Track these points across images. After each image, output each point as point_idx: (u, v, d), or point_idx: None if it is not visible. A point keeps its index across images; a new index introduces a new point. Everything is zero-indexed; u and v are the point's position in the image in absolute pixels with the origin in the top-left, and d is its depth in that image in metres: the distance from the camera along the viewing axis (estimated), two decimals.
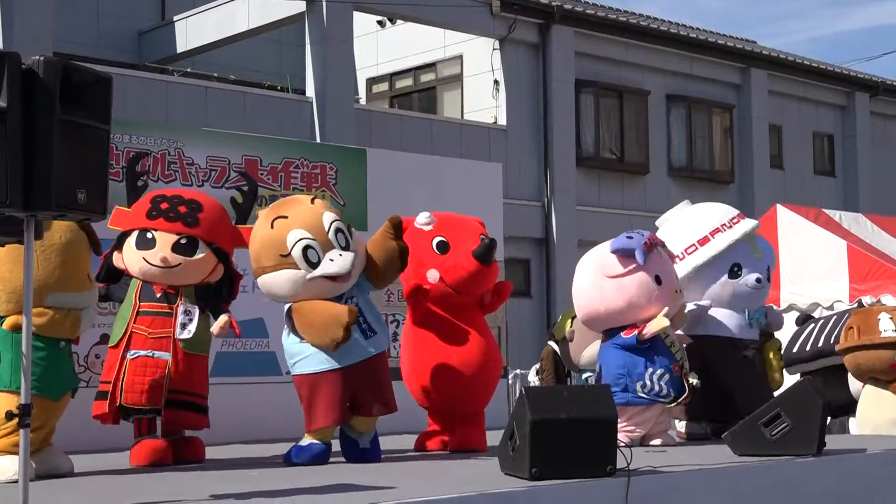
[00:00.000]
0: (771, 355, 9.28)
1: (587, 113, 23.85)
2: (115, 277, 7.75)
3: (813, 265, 12.08)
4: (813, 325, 10.59)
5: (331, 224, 7.59)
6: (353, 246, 7.63)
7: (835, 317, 10.59)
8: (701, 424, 9.32)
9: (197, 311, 7.71)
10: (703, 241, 9.35)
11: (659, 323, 8.41)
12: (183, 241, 7.62)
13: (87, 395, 7.60)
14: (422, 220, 8.46)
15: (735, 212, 9.69)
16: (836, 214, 13.05)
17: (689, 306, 9.06)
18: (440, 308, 8.32)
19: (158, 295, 7.65)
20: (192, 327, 7.63)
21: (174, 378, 7.53)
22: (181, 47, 22.57)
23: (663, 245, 8.83)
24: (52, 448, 6.79)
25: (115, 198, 7.61)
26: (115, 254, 7.70)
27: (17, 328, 6.33)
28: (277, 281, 7.55)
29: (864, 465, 7.87)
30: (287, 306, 7.63)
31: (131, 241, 7.65)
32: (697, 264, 9.20)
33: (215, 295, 7.82)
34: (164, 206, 7.71)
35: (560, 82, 23.05)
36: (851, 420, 10.00)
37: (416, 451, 8.39)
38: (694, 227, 9.51)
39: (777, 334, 9.69)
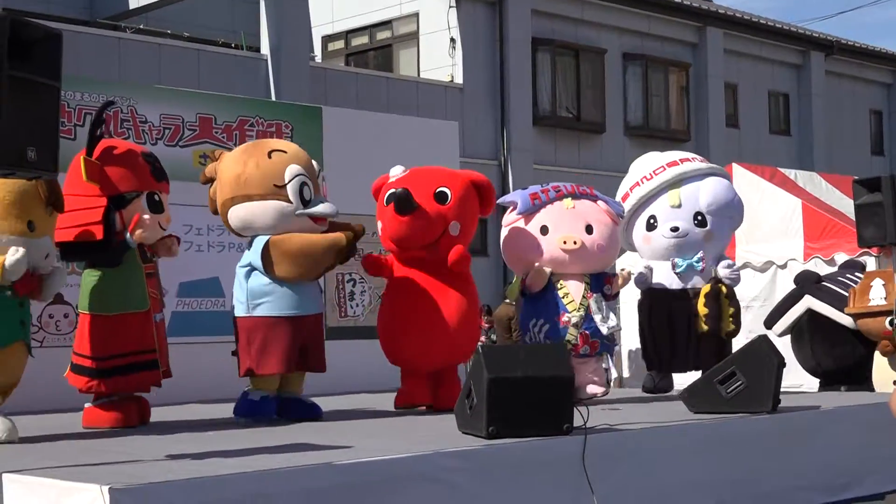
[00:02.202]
0: (701, 304, 9.12)
1: (544, 71, 23.82)
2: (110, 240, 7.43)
3: (768, 224, 12.13)
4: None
5: (319, 171, 7.84)
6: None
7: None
8: (651, 374, 9.43)
9: None
10: (624, 198, 9.42)
11: (535, 275, 8.49)
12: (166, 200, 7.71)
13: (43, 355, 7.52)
14: (393, 171, 8.43)
15: (668, 159, 9.60)
16: (791, 173, 13.11)
17: (639, 269, 9.28)
18: (415, 267, 8.21)
19: (150, 255, 7.61)
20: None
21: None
22: (134, 3, 22.25)
23: (579, 196, 8.80)
24: None
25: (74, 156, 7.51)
26: (117, 215, 7.44)
27: None
28: (262, 210, 7.53)
29: (817, 422, 7.93)
30: (262, 241, 7.55)
31: (142, 203, 7.48)
32: (624, 221, 9.22)
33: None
34: (158, 165, 7.68)
35: (516, 41, 22.99)
36: None
37: (397, 408, 8.30)
38: (625, 182, 9.61)
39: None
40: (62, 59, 5.05)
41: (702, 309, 8.99)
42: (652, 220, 9.30)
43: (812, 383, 10.73)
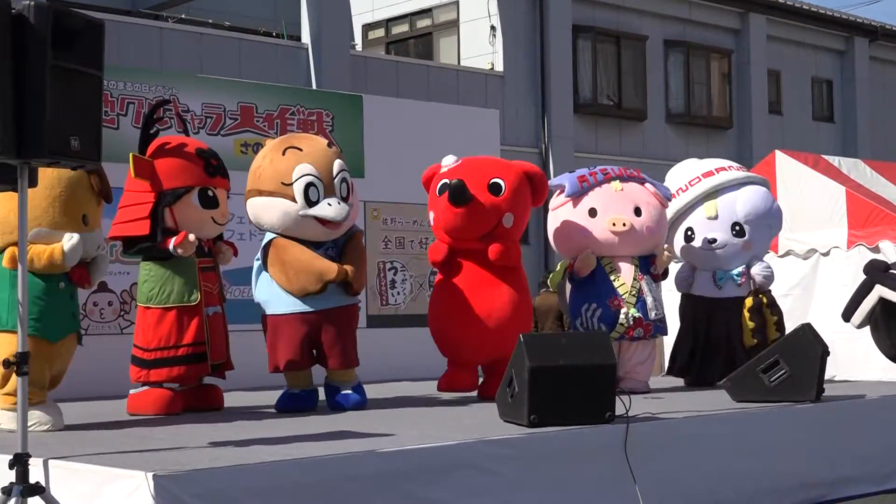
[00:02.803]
0: (746, 318, 9.10)
1: (585, 59, 23.72)
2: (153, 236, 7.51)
3: (811, 211, 12.00)
4: None
5: (339, 172, 7.61)
6: (352, 201, 7.64)
7: None
8: (685, 381, 9.40)
9: None
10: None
11: (583, 260, 8.42)
12: (226, 196, 7.75)
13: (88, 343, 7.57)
14: (445, 161, 8.35)
15: (704, 169, 9.55)
16: (834, 160, 12.97)
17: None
18: (468, 258, 8.15)
19: (207, 250, 7.69)
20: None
21: None
22: None
23: (627, 179, 8.75)
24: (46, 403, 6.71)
25: (122, 145, 7.58)
26: (167, 210, 7.51)
27: (14, 263, 6.29)
28: (268, 207, 7.53)
29: (861, 411, 7.87)
30: (267, 239, 7.60)
31: (193, 199, 7.54)
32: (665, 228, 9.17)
33: None
34: (213, 161, 7.70)
35: (557, 28, 22.89)
36: None
37: (440, 391, 8.26)
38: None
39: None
40: (104, 49, 5.07)
41: (748, 323, 8.99)
42: (689, 232, 9.28)
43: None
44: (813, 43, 28.39)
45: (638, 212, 8.62)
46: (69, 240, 6.51)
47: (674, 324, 9.52)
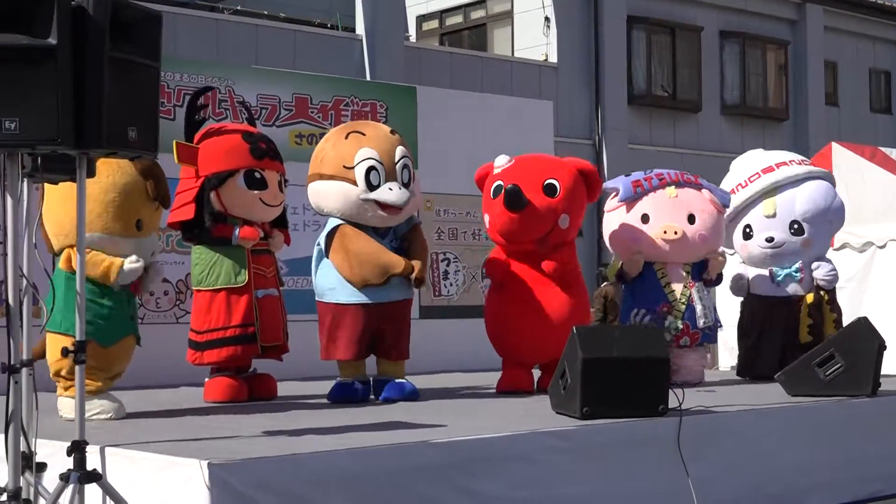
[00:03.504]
0: (805, 314, 9.02)
1: (639, 50, 23.60)
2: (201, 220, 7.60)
3: (868, 204, 11.89)
4: None
5: (401, 158, 7.64)
6: (413, 189, 7.63)
7: None
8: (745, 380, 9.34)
9: None
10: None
11: (631, 261, 8.45)
12: (280, 178, 7.75)
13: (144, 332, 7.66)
14: (497, 162, 8.24)
15: (765, 164, 9.43)
16: (892, 152, 12.83)
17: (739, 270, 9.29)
18: (523, 261, 8.08)
19: (261, 234, 7.71)
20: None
21: None
22: None
23: (683, 185, 8.68)
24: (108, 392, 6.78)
25: (178, 136, 7.67)
26: (213, 194, 7.57)
27: (70, 264, 6.38)
28: (329, 191, 7.57)
29: None
30: (332, 225, 7.62)
31: (239, 181, 7.57)
32: (724, 224, 9.09)
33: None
34: (262, 144, 7.71)
35: (612, 18, 22.78)
36: None
37: (499, 392, 8.21)
38: (729, 182, 9.46)
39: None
40: (162, 40, 5.11)
41: (805, 319, 8.91)
42: (748, 230, 9.20)
43: None
44: (870, 34, 28.07)
45: (692, 219, 8.53)
46: (132, 262, 6.57)
47: (733, 323, 9.48)
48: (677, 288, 8.50)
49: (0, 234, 4.76)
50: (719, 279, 8.89)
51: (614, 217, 8.68)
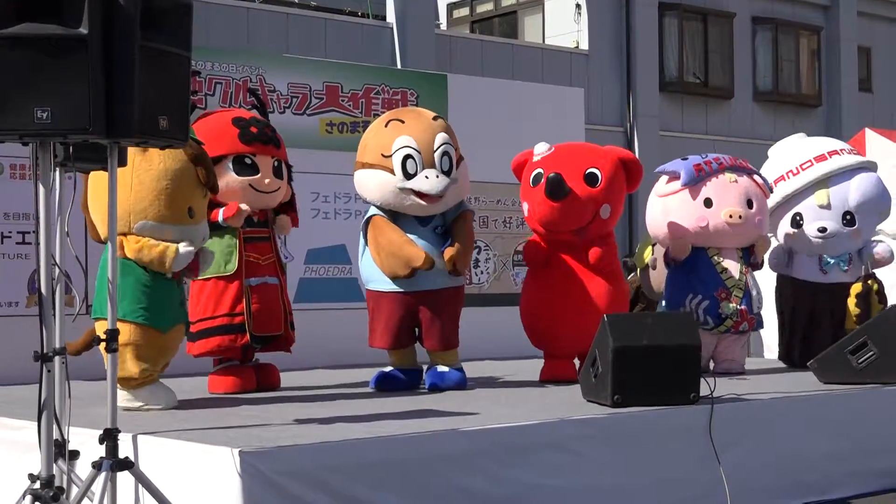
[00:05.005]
0: (853, 304, 8.94)
1: (671, 36, 23.50)
2: None
3: None
4: None
5: (441, 145, 7.52)
6: (455, 175, 7.58)
7: None
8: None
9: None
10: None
11: (679, 244, 8.40)
12: (276, 163, 7.60)
13: None
14: (537, 149, 8.14)
15: (816, 152, 9.32)
16: None
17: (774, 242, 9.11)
18: (562, 251, 7.98)
19: (256, 220, 7.59)
20: (286, 251, 7.65)
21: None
22: None
23: (738, 170, 8.64)
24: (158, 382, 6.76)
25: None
26: None
27: (124, 251, 6.34)
28: (369, 179, 7.54)
29: None
30: (368, 214, 7.63)
31: (227, 166, 7.41)
32: (769, 210, 9.01)
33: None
34: (254, 129, 7.57)
35: (643, 5, 22.71)
36: None
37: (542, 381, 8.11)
38: (774, 167, 9.36)
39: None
40: (192, 29, 5.12)
41: (853, 309, 8.84)
42: (798, 218, 9.11)
43: None
44: None
45: (750, 203, 8.52)
46: (185, 246, 6.50)
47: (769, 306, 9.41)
48: (735, 273, 8.48)
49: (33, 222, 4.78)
50: (762, 264, 8.89)
51: (673, 201, 8.59)
